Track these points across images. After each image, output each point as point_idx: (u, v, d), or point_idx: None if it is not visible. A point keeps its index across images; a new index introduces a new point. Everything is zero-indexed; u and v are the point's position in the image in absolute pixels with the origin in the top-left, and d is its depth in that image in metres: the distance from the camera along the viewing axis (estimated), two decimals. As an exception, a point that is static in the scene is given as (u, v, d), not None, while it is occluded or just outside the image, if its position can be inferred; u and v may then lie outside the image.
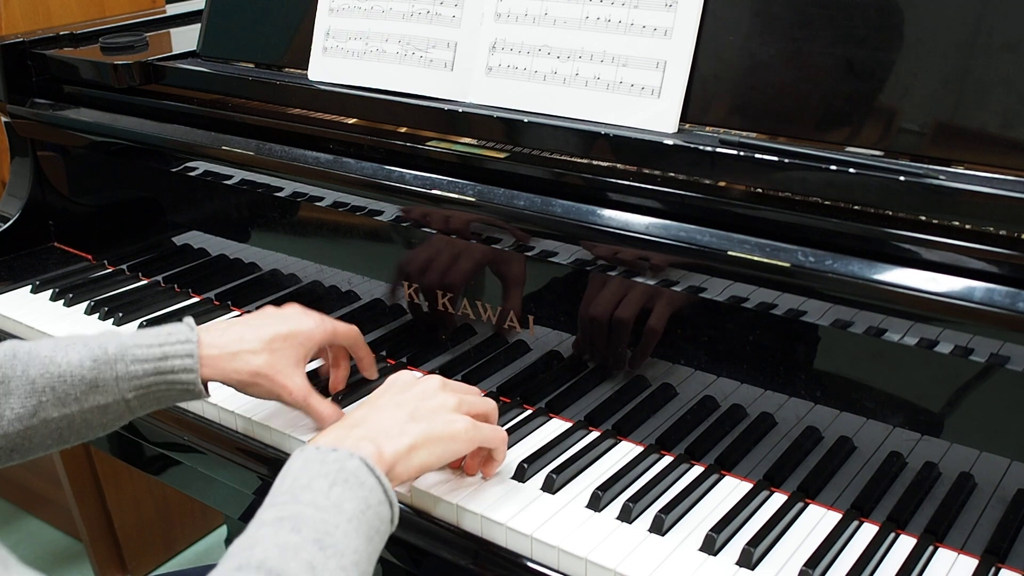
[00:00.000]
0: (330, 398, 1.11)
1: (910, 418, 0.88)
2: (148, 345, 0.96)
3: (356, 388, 1.13)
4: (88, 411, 0.95)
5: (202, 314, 1.32)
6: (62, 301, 1.37)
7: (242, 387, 1.02)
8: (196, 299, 1.38)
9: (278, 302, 1.29)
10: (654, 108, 0.99)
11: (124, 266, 1.48)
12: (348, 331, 1.08)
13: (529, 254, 1.03)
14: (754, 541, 0.87)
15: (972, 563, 0.86)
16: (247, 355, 1.00)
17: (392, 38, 1.17)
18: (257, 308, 1.32)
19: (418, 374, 0.98)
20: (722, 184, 0.92)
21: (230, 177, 1.28)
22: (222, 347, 1.00)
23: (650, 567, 0.86)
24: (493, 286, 1.09)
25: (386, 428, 0.85)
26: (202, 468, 1.17)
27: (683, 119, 0.99)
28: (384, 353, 1.20)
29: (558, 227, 1.00)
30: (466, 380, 1.14)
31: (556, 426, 1.06)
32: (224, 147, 1.25)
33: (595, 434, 1.04)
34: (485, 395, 1.12)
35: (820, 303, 0.87)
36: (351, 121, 1.17)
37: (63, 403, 0.93)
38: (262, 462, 1.08)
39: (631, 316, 0.99)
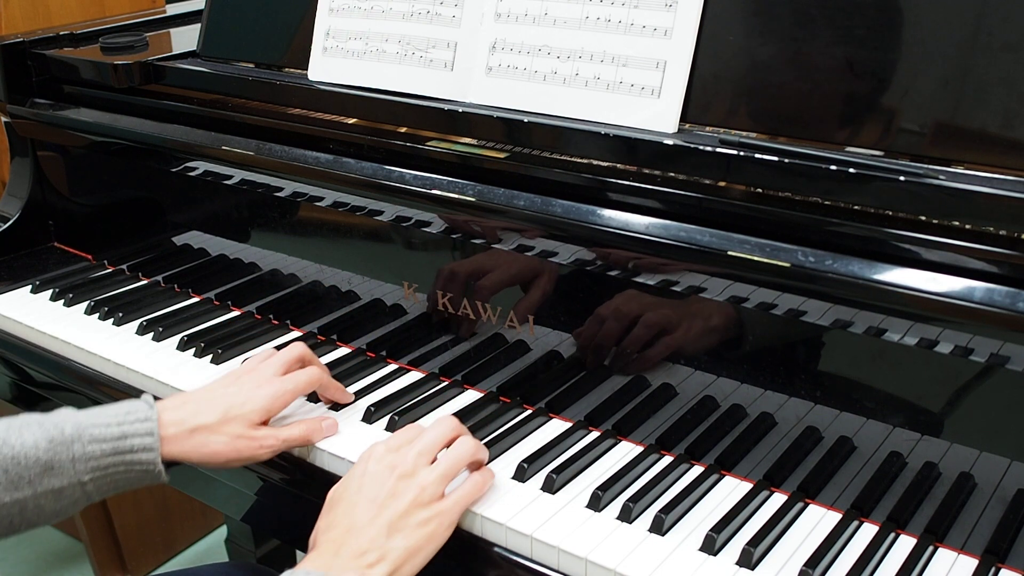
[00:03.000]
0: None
1: (910, 418, 0.88)
2: (106, 424, 0.94)
3: (360, 394, 1.13)
4: (41, 495, 0.91)
5: (203, 314, 1.33)
6: (62, 301, 1.37)
7: (205, 463, 0.99)
8: (196, 299, 1.38)
9: (278, 302, 1.30)
10: (654, 108, 0.99)
11: (124, 266, 1.48)
12: (308, 381, 1.05)
13: (529, 254, 1.04)
14: (754, 541, 0.87)
15: (972, 563, 0.86)
16: (205, 432, 0.97)
17: (392, 38, 1.17)
18: (257, 308, 1.32)
19: (394, 444, 0.92)
20: (722, 184, 0.92)
21: (230, 177, 1.28)
22: (179, 424, 0.97)
23: (650, 567, 0.86)
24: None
25: (367, 548, 0.84)
26: (202, 468, 1.17)
27: (683, 119, 0.99)
28: (384, 353, 1.20)
29: (558, 227, 1.00)
30: (466, 380, 1.14)
31: (556, 426, 1.06)
32: (224, 147, 1.25)
33: (595, 434, 1.04)
34: (485, 395, 1.12)
35: (820, 303, 0.87)
36: (351, 121, 1.17)
37: (16, 487, 0.90)
38: (263, 462, 1.07)
39: (647, 323, 0.99)
